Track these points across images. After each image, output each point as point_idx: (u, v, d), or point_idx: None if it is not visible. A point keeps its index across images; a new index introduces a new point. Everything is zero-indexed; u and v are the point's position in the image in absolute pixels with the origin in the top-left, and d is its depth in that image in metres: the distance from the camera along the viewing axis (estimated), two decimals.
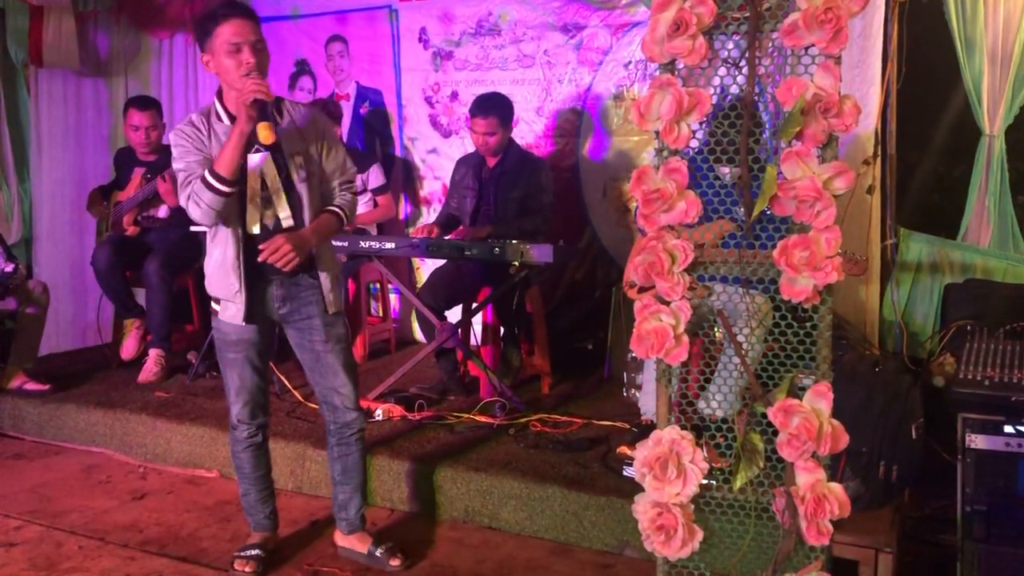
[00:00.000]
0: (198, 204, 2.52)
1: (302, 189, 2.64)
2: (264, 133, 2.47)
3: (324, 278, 2.71)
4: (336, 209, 2.72)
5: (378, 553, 2.83)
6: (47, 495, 3.50)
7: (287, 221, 2.63)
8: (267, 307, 2.72)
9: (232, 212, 2.60)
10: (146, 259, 4.41)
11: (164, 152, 4.66)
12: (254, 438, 2.83)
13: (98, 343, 4.81)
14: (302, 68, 5.46)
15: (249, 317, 2.67)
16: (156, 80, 5.74)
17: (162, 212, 4.58)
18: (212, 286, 2.71)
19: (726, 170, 2.02)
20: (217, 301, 2.71)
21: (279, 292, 2.71)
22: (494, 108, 4.07)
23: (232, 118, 2.59)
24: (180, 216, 4.48)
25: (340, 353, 2.77)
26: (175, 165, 2.61)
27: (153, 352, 4.43)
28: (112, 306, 4.70)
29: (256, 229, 2.62)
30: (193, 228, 4.39)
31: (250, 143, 2.53)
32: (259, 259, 2.58)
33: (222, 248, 2.64)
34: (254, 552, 2.83)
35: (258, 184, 2.60)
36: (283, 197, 2.62)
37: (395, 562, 2.82)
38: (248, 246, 2.63)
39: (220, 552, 2.96)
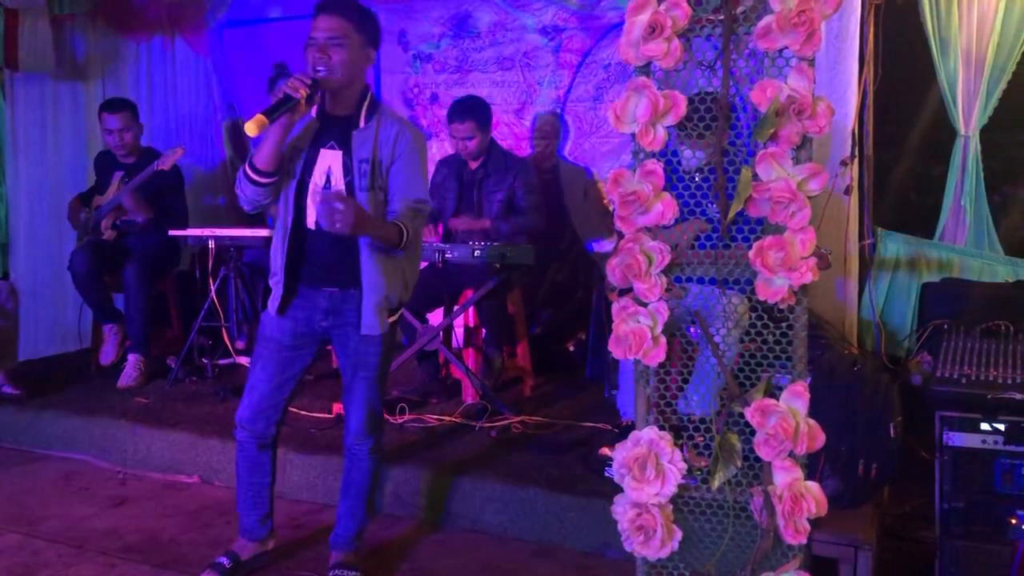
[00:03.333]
0: (241, 192, 2.58)
1: (362, 197, 2.54)
2: (250, 124, 2.39)
3: (368, 295, 2.58)
4: (398, 223, 2.54)
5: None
6: (25, 502, 3.46)
7: None
8: (312, 316, 2.66)
9: (283, 203, 2.61)
10: (124, 263, 4.38)
11: (143, 154, 4.62)
12: (246, 443, 2.75)
13: (76, 349, 4.76)
14: (280, 71, 5.43)
15: (283, 311, 2.64)
16: (134, 83, 5.69)
17: (140, 216, 4.55)
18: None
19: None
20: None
21: (324, 304, 2.64)
22: (471, 112, 4.07)
23: (320, 111, 2.63)
24: (158, 221, 4.47)
25: (362, 381, 2.67)
26: None
27: (132, 357, 4.40)
28: (91, 311, 4.67)
29: (312, 225, 2.59)
30: (172, 232, 4.38)
31: (318, 138, 2.58)
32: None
33: (279, 236, 2.64)
34: (219, 560, 2.78)
35: (323, 181, 2.57)
36: None
37: None
38: (299, 239, 2.61)
39: (200, 558, 2.93)
